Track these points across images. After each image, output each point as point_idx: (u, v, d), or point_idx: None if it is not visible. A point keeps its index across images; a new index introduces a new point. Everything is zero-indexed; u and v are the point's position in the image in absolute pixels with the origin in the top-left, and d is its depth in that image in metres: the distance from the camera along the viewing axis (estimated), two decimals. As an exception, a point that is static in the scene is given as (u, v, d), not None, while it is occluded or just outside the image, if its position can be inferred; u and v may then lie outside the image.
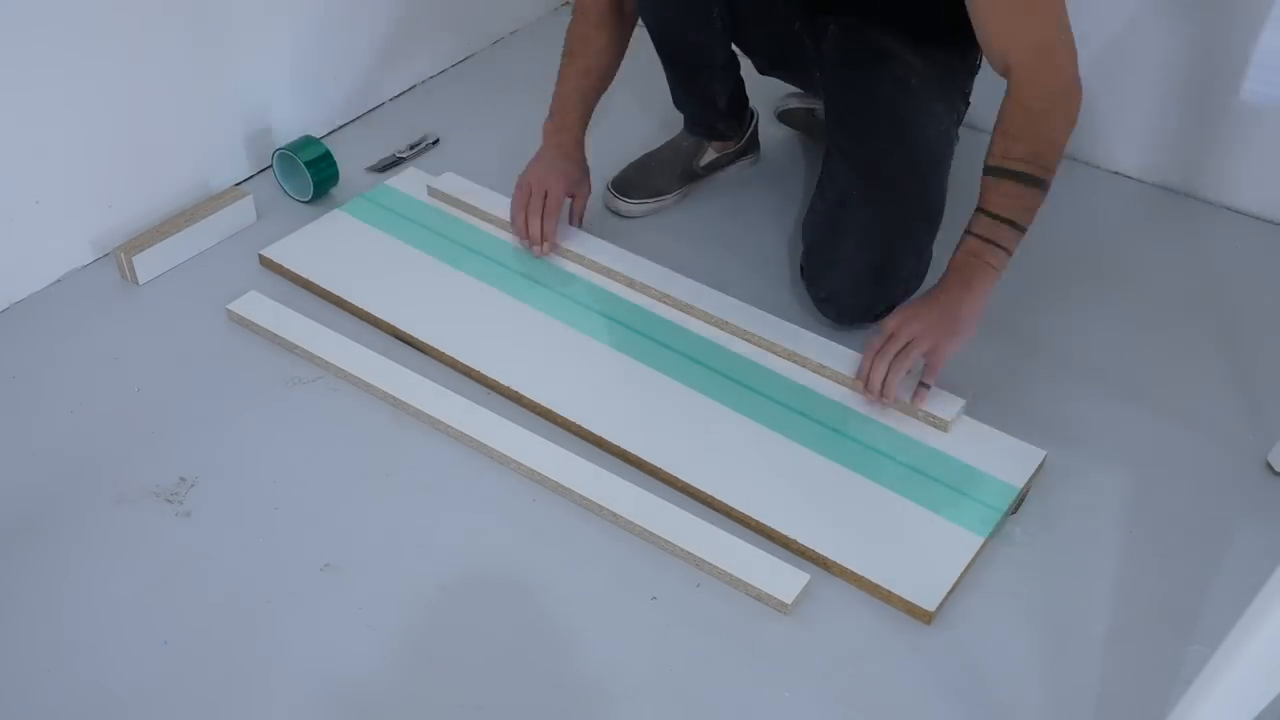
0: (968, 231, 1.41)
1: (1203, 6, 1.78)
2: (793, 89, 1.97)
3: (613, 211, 1.82)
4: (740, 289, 1.65)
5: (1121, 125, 1.93)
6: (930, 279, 1.64)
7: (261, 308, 1.58)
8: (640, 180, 1.83)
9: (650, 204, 1.82)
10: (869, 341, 1.44)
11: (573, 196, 1.69)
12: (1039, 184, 1.38)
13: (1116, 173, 1.97)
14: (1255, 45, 1.76)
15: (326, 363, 1.51)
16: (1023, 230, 1.40)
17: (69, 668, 1.19)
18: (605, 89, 1.68)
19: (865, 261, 1.54)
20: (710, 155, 1.85)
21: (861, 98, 1.59)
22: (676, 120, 1.86)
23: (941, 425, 1.43)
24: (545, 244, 1.65)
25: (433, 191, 1.78)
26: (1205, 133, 1.86)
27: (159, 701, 1.17)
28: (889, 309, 1.60)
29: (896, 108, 1.56)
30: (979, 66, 1.67)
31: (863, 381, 1.44)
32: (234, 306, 1.58)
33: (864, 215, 1.53)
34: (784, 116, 2.00)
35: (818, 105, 1.92)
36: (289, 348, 1.54)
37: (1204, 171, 1.89)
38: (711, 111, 1.80)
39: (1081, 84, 1.37)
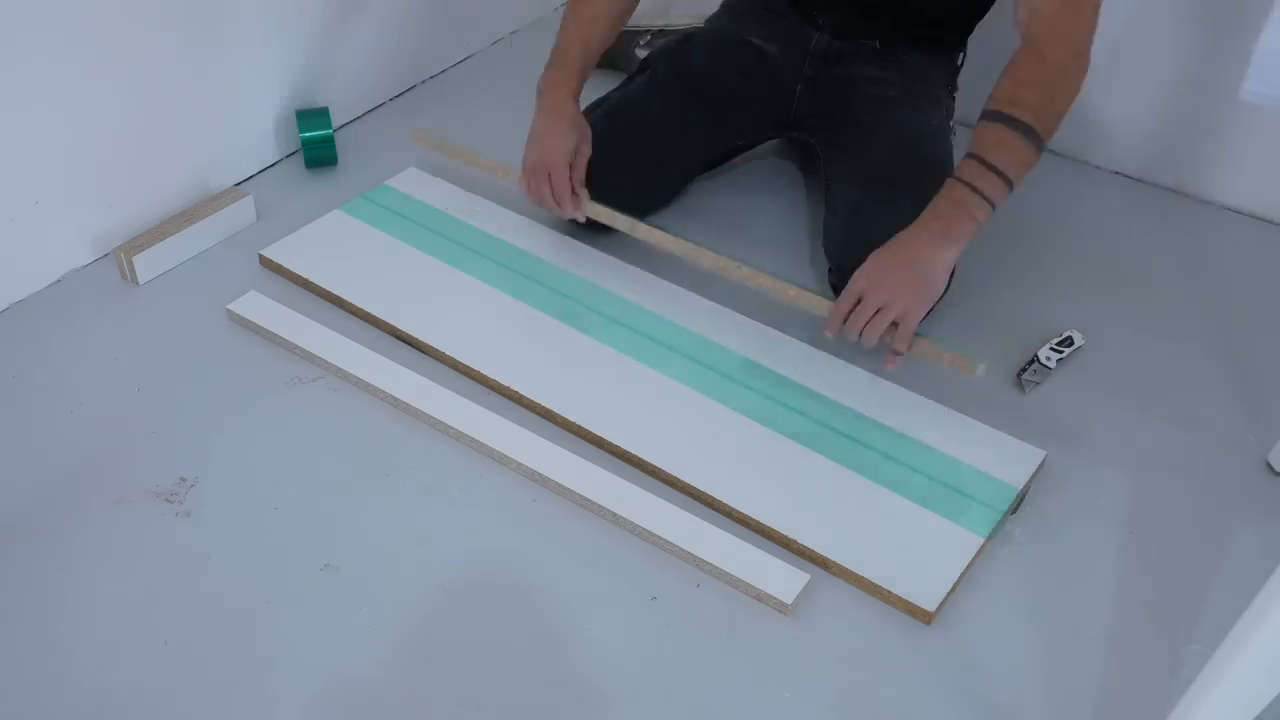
0: (957, 178, 1.32)
1: (1202, 6, 1.78)
2: None
3: None
4: (729, 289, 1.65)
5: (1121, 125, 1.93)
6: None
7: (261, 308, 1.58)
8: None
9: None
10: (839, 304, 1.36)
11: (572, 165, 1.60)
12: (1038, 143, 1.30)
13: (1116, 173, 1.97)
14: (1255, 45, 1.76)
15: (326, 363, 1.51)
16: (1012, 187, 1.31)
17: (69, 668, 1.19)
18: (611, 39, 1.61)
19: None
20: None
21: (848, 122, 1.60)
22: None
23: (970, 370, 1.40)
24: (580, 215, 1.59)
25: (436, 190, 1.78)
26: (1205, 133, 1.86)
27: (159, 702, 1.17)
28: (928, 312, 1.60)
29: (884, 118, 1.57)
30: (959, 67, 1.68)
31: (829, 333, 1.39)
32: (234, 306, 1.58)
33: (885, 219, 1.51)
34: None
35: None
36: (289, 348, 1.54)
37: (1204, 171, 1.89)
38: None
39: (1089, 60, 1.34)
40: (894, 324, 1.35)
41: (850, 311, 1.34)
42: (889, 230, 1.51)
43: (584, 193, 1.59)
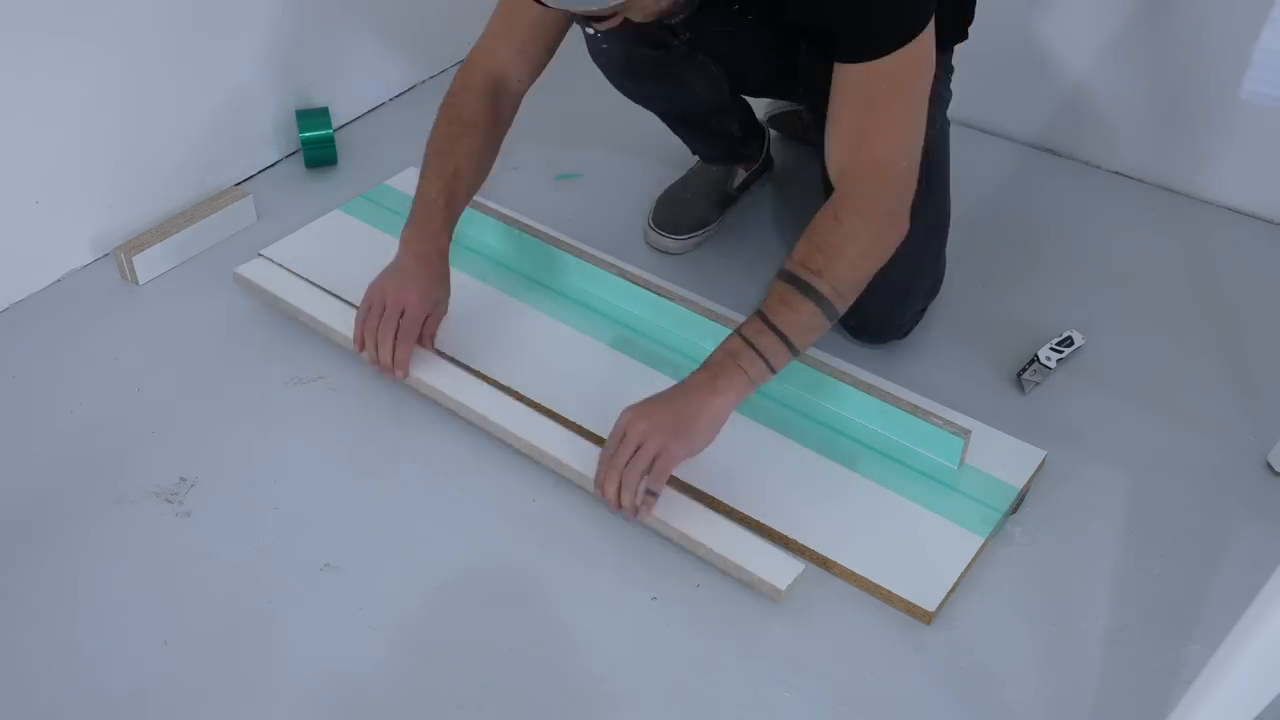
0: (737, 331, 1.29)
1: (1202, 6, 1.78)
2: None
3: (658, 250, 1.76)
4: (729, 294, 1.65)
5: (1121, 125, 1.93)
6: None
7: (268, 273, 1.59)
8: (683, 214, 1.78)
9: (699, 236, 1.77)
10: (606, 445, 1.30)
11: (427, 316, 1.45)
12: (827, 309, 1.27)
13: (1116, 173, 1.97)
14: (1255, 45, 1.76)
15: (329, 328, 1.52)
16: (795, 352, 1.28)
17: (69, 668, 1.19)
18: (473, 194, 1.50)
19: (888, 283, 1.50)
20: (741, 175, 1.82)
21: None
22: (672, 146, 1.84)
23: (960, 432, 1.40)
24: (399, 371, 1.43)
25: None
26: (1205, 133, 1.86)
27: (159, 701, 1.17)
28: (916, 322, 1.60)
29: None
30: (952, 68, 1.66)
31: (599, 490, 1.31)
32: (242, 270, 1.60)
33: None
34: (773, 121, 1.99)
35: (798, 108, 1.92)
36: (292, 313, 1.54)
37: (1204, 171, 1.89)
38: (732, 143, 1.78)
39: (908, 221, 1.30)
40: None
41: (612, 456, 1.28)
42: None
43: (426, 352, 1.48)
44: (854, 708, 1.18)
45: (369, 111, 2.04)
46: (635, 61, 1.51)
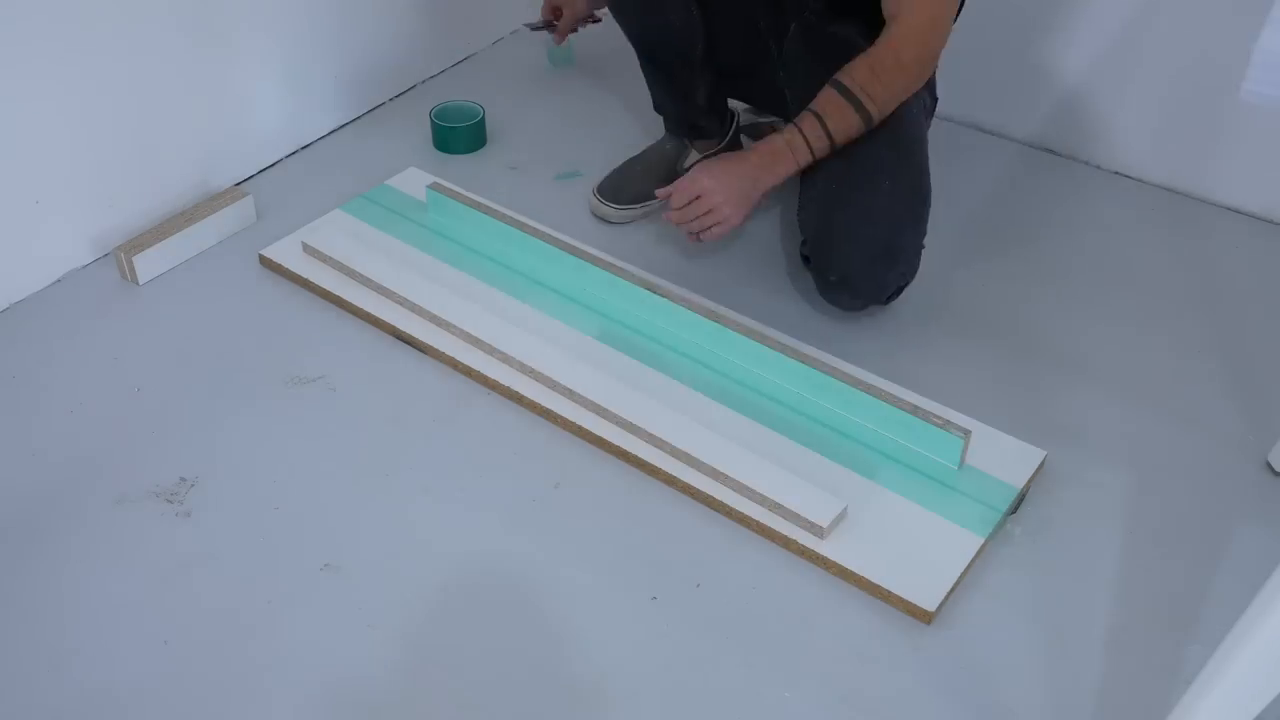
0: (795, 124, 1.48)
1: (1202, 6, 1.78)
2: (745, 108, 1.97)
3: (598, 217, 1.82)
4: (728, 293, 1.65)
5: (1121, 125, 1.93)
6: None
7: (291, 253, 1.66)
8: (626, 186, 1.82)
9: (636, 209, 1.81)
10: (676, 192, 1.52)
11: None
12: (868, 122, 1.48)
13: (1116, 173, 1.97)
14: (1255, 45, 1.76)
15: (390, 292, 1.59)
16: (833, 149, 1.49)
17: (69, 668, 1.19)
18: None
19: (873, 240, 1.53)
20: (694, 157, 1.84)
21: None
22: (660, 126, 1.85)
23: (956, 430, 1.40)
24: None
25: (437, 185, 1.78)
26: (1205, 133, 1.86)
27: (159, 701, 1.17)
28: (899, 291, 1.60)
29: None
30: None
31: (668, 213, 1.54)
32: (267, 252, 1.65)
33: (862, 198, 1.52)
34: (746, 131, 1.99)
35: (772, 119, 1.93)
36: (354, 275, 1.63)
37: (1204, 171, 1.89)
38: (693, 109, 1.79)
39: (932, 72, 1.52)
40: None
41: (685, 208, 1.52)
42: (868, 210, 1.52)
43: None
44: (854, 708, 1.18)
45: (370, 111, 2.04)
46: None
